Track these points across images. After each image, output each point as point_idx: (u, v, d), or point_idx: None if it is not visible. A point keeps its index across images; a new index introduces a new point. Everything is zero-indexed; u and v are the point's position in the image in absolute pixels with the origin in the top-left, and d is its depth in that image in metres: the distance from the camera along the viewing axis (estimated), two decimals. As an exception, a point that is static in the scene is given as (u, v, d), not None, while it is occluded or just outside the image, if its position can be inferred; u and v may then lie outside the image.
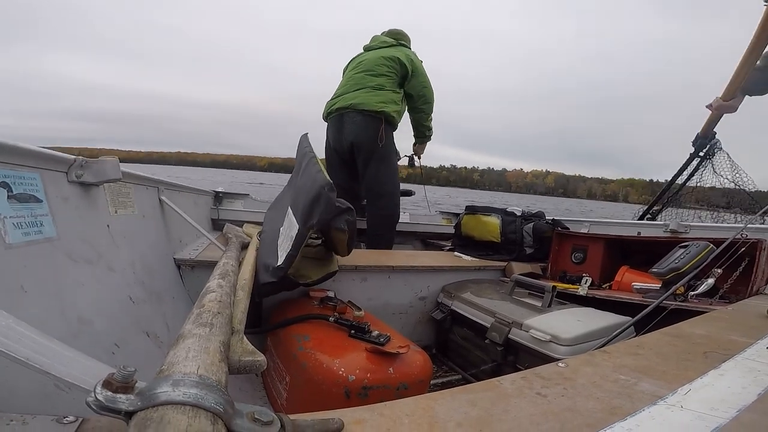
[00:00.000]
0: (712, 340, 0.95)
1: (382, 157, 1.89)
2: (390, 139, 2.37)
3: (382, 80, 2.34)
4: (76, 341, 0.79)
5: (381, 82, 2.33)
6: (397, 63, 2.32)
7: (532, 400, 0.63)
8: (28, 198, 0.81)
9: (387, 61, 2.35)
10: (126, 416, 0.37)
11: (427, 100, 2.48)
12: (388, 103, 2.29)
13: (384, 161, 2.07)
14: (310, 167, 1.41)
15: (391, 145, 2.37)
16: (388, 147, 2.33)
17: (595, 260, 2.13)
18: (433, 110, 2.52)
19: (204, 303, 0.73)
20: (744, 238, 1.54)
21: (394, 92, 2.33)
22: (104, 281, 1.00)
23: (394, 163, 2.41)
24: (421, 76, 2.41)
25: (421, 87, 2.41)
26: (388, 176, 2.22)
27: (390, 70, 2.32)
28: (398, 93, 2.35)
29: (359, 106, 2.32)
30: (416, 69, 2.39)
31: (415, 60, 2.41)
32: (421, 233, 3.20)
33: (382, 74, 2.35)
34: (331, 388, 1.00)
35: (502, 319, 1.51)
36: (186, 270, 1.58)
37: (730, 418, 0.57)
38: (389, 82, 2.33)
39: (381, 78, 2.34)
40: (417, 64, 2.41)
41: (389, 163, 2.30)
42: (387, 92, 2.30)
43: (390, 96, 2.30)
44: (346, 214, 1.27)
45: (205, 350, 0.53)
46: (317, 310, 1.37)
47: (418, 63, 2.43)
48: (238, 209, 2.65)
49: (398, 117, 2.38)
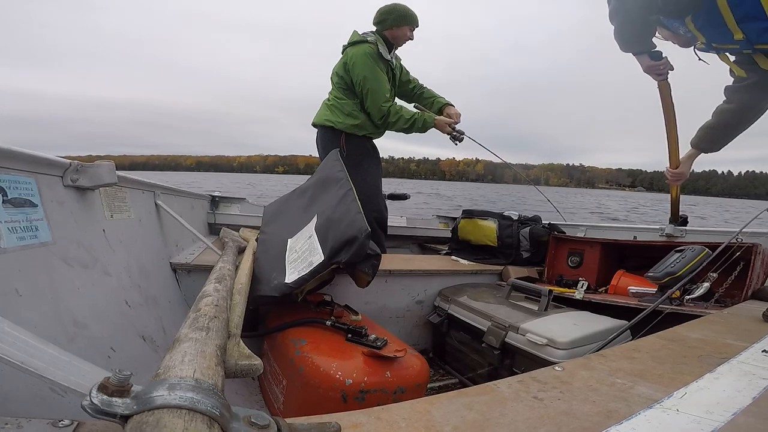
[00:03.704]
0: (708, 343, 0.95)
1: (347, 166, 1.87)
2: (356, 146, 2.34)
3: (335, 93, 2.35)
4: (72, 345, 0.78)
5: (334, 96, 2.34)
6: (342, 72, 2.28)
7: (529, 403, 0.63)
8: (23, 202, 0.81)
9: (335, 73, 2.35)
10: (122, 420, 0.37)
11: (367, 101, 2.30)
12: (342, 118, 2.29)
13: (350, 168, 2.02)
14: (347, 200, 1.41)
15: (358, 152, 2.34)
16: (355, 154, 2.29)
17: (592, 264, 2.13)
18: (379, 108, 2.29)
19: (200, 307, 0.73)
20: (739, 242, 1.55)
21: (349, 105, 2.30)
22: (100, 285, 1.00)
23: (365, 169, 2.33)
24: (357, 78, 2.25)
25: (360, 90, 2.28)
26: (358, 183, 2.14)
27: (339, 80, 2.31)
28: (354, 102, 2.31)
29: (318, 122, 2.38)
30: (353, 72, 2.25)
31: (355, 62, 2.24)
32: (419, 237, 3.20)
33: (334, 87, 2.36)
34: (328, 391, 1.00)
35: (498, 322, 1.51)
36: (182, 274, 1.57)
37: (726, 421, 0.58)
38: (341, 95, 2.32)
39: (334, 91, 2.35)
40: (355, 67, 2.24)
41: (358, 170, 2.24)
42: (340, 107, 2.30)
43: (344, 109, 2.29)
44: (374, 260, 1.30)
45: (202, 354, 0.53)
46: (314, 314, 1.37)
47: (358, 62, 2.24)
48: (234, 213, 2.65)
49: (360, 128, 2.31)
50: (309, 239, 1.39)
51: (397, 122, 2.32)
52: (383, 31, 2.31)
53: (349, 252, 1.22)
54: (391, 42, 2.33)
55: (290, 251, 1.43)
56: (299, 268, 1.29)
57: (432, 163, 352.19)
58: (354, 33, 2.36)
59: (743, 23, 1.23)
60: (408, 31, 2.34)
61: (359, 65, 2.22)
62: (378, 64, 2.26)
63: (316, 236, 1.37)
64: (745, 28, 1.24)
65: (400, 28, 2.31)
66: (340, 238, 1.25)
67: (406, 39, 2.37)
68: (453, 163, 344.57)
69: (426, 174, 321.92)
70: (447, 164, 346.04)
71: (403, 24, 2.31)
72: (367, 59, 2.22)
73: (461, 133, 2.42)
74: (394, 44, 2.36)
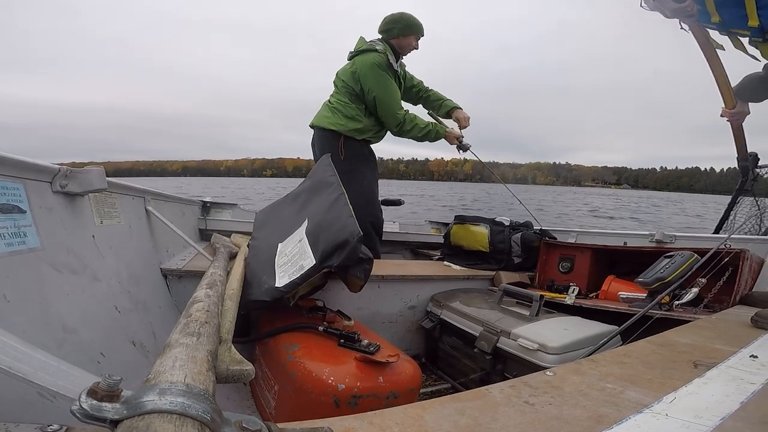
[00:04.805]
0: (697, 348, 0.96)
1: (344, 170, 1.86)
2: (354, 150, 2.34)
3: (338, 97, 2.34)
4: (61, 350, 0.78)
5: (338, 99, 2.33)
6: (350, 80, 2.28)
7: (520, 408, 0.63)
8: (11, 209, 0.80)
9: (340, 79, 2.35)
10: (111, 425, 0.37)
11: (380, 110, 2.32)
12: (343, 121, 2.29)
13: (348, 173, 2.01)
14: (339, 204, 1.41)
15: (356, 156, 2.34)
16: (353, 158, 2.30)
17: (582, 270, 2.15)
18: (395, 116, 2.32)
19: (191, 312, 0.73)
20: (727, 248, 1.58)
21: (352, 108, 2.30)
22: (89, 291, 0.99)
23: (362, 173, 2.35)
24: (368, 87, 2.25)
25: (372, 99, 2.27)
26: (355, 187, 2.15)
27: (345, 86, 2.31)
28: (359, 107, 2.32)
29: (317, 124, 2.36)
30: (365, 82, 2.25)
31: (366, 73, 2.24)
32: (411, 243, 3.20)
33: (338, 91, 2.36)
34: (321, 396, 1.00)
35: (490, 328, 1.52)
36: (173, 280, 1.56)
37: (714, 426, 0.58)
38: (345, 99, 2.31)
39: (338, 95, 2.35)
40: (367, 78, 2.24)
41: (355, 174, 2.26)
42: (343, 110, 2.30)
43: (347, 112, 2.29)
44: (366, 264, 1.29)
45: (193, 359, 0.52)
46: (306, 319, 1.36)
47: (369, 73, 2.24)
48: (225, 219, 2.63)
49: (361, 132, 2.32)
50: (299, 243, 1.39)
51: (412, 130, 2.36)
52: (389, 40, 2.32)
53: (341, 256, 1.21)
54: (397, 51, 2.34)
55: (280, 255, 1.43)
56: (290, 272, 1.29)
57: (421, 164, 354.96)
58: (361, 40, 2.37)
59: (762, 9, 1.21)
60: (414, 41, 2.37)
61: (371, 76, 2.23)
62: (388, 73, 2.28)
63: (307, 240, 1.36)
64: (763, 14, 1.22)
65: (406, 38, 2.33)
66: (331, 241, 1.25)
67: (411, 48, 2.39)
68: (441, 163, 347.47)
69: (415, 175, 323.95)
70: (435, 165, 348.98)
71: (410, 33, 2.33)
72: (378, 69, 2.23)
73: (467, 146, 2.50)
74: (400, 53, 2.37)
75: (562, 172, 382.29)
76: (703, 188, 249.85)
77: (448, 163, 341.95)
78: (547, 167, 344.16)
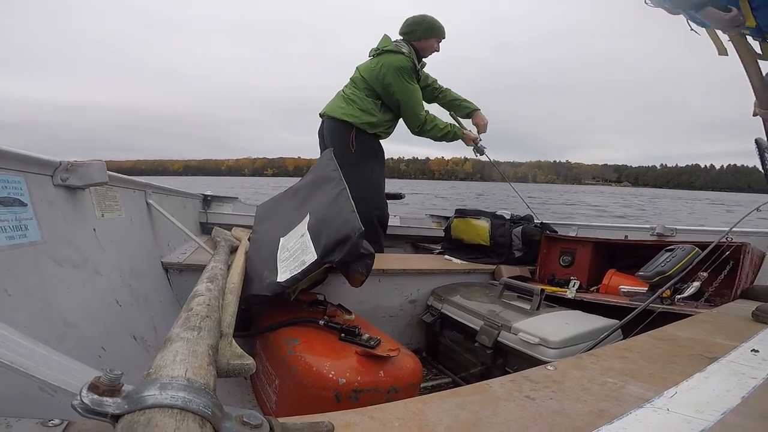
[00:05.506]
0: (698, 343, 0.96)
1: (353, 162, 1.86)
2: (365, 144, 2.33)
3: (355, 89, 2.33)
4: (62, 345, 0.78)
5: (353, 92, 2.32)
6: (371, 78, 2.27)
7: (521, 403, 0.63)
8: (12, 202, 0.80)
9: (360, 74, 2.34)
10: (112, 419, 0.37)
11: (406, 118, 2.34)
12: (357, 114, 2.28)
13: (357, 166, 2.02)
14: (341, 200, 1.41)
15: (366, 149, 2.34)
16: (363, 151, 2.30)
17: (583, 263, 2.14)
18: (417, 116, 2.32)
19: (192, 306, 0.73)
20: (729, 241, 1.57)
21: (368, 102, 2.29)
22: (90, 285, 0.99)
23: (371, 166, 2.36)
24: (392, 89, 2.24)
25: (396, 101, 2.28)
26: (363, 180, 2.17)
27: (364, 82, 2.30)
28: (375, 102, 2.31)
29: (330, 113, 2.34)
30: (389, 83, 2.23)
31: (391, 74, 2.22)
32: (412, 236, 3.20)
33: (356, 85, 2.34)
34: (321, 391, 1.00)
35: (491, 322, 1.52)
36: (174, 273, 1.56)
37: (715, 420, 0.58)
38: (363, 93, 2.30)
39: (355, 88, 2.34)
40: (394, 81, 2.22)
41: (364, 167, 2.26)
42: (359, 102, 2.29)
43: (362, 105, 2.28)
44: (367, 259, 1.29)
45: (193, 354, 0.52)
46: (307, 313, 1.36)
47: (396, 76, 2.22)
48: (227, 213, 2.63)
49: (374, 126, 2.31)
50: (301, 238, 1.38)
51: (431, 131, 2.38)
52: (411, 42, 2.33)
53: (343, 251, 1.21)
54: (418, 52, 2.35)
55: (282, 250, 1.43)
56: (291, 267, 1.29)
57: (421, 163, 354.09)
58: (386, 38, 2.36)
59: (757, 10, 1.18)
60: (435, 43, 2.37)
61: (398, 79, 2.23)
62: (413, 76, 2.29)
63: (309, 235, 1.36)
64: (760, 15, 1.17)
65: (428, 40, 2.34)
66: (333, 237, 1.25)
67: (432, 50, 2.40)
68: (442, 162, 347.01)
69: (416, 174, 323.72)
70: (436, 164, 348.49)
71: (431, 36, 2.34)
72: (403, 72, 2.23)
73: (483, 148, 2.56)
74: (422, 55, 2.38)
75: (563, 170, 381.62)
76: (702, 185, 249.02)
77: (449, 162, 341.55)
78: (548, 165, 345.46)
